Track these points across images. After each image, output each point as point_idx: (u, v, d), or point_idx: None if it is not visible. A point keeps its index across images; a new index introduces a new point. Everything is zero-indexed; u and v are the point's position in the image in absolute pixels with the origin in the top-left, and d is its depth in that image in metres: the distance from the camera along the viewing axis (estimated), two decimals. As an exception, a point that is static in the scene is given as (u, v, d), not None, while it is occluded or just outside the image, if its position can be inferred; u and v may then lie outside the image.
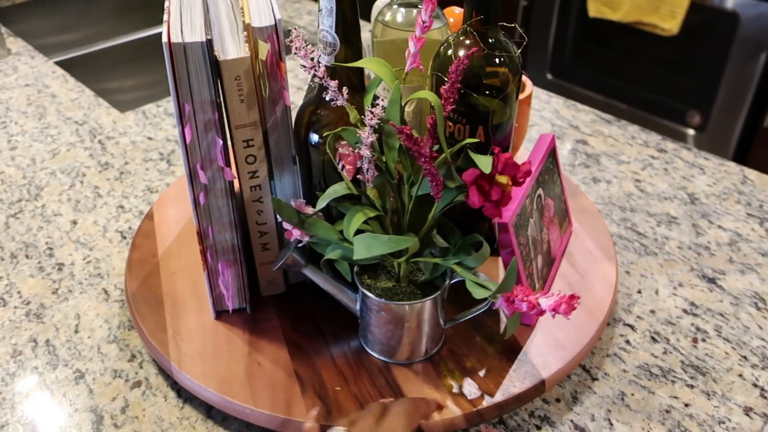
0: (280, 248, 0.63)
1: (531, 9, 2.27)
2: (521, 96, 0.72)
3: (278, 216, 0.56)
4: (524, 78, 0.74)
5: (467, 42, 0.59)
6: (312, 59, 0.50)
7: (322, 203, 0.54)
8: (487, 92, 0.59)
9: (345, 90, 0.51)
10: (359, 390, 0.57)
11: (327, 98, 0.51)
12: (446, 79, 0.59)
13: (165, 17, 0.53)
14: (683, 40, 1.92)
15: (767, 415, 0.58)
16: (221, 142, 0.54)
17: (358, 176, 0.53)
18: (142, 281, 0.68)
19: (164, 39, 0.50)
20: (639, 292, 0.71)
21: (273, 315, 0.64)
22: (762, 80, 1.81)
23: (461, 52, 0.59)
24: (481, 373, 0.58)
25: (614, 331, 0.66)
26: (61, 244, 0.78)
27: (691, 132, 2.02)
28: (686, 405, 0.59)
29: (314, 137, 0.57)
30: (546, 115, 1.03)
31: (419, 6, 0.66)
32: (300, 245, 0.57)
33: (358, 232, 0.53)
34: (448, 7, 0.74)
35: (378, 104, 0.50)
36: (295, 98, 1.05)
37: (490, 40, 0.59)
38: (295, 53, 0.50)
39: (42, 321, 0.68)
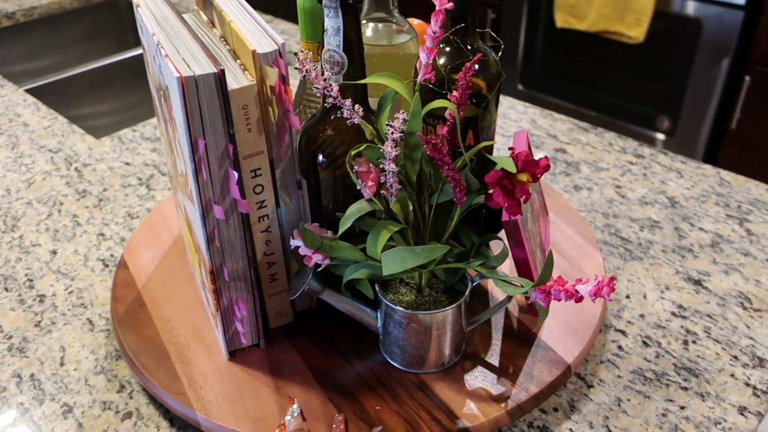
0: (288, 278, 0.62)
1: (499, 21, 2.30)
2: None
3: (295, 242, 0.55)
4: None
5: (448, 50, 0.61)
6: (325, 80, 0.50)
7: (346, 224, 0.53)
8: (471, 98, 0.61)
9: (359, 108, 0.51)
10: (399, 406, 0.57)
11: (338, 117, 0.52)
12: (431, 87, 0.61)
13: (163, 52, 0.52)
14: (649, 47, 1.97)
15: (761, 414, 0.59)
16: (236, 174, 0.52)
17: (380, 191, 0.53)
18: (137, 334, 0.64)
19: (174, 74, 0.48)
20: (627, 297, 0.71)
21: (288, 345, 0.63)
22: (727, 83, 1.86)
23: (443, 61, 0.60)
24: (510, 369, 0.60)
25: (606, 337, 0.66)
26: (42, 275, 0.76)
27: (661, 136, 2.06)
28: (682, 408, 0.59)
29: (322, 158, 0.56)
30: (524, 125, 1.04)
31: (390, 20, 0.66)
32: (318, 270, 0.57)
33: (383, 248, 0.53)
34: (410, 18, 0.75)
35: (398, 117, 0.50)
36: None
37: (469, 47, 0.60)
38: (305, 76, 0.49)
39: (25, 355, 0.66)
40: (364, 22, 0.67)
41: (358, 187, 0.53)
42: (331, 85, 0.50)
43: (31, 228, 0.84)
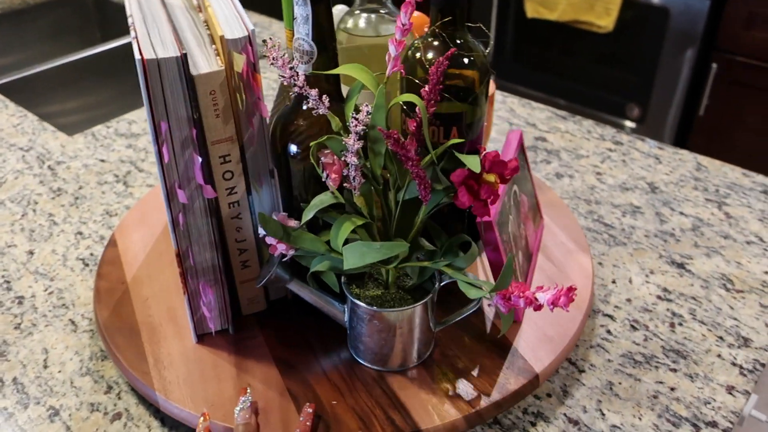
0: (261, 265, 0.62)
1: (470, 11, 2.30)
2: None
3: (263, 231, 0.54)
4: None
5: (435, 44, 0.59)
6: (291, 68, 0.49)
7: (308, 215, 0.53)
8: (459, 93, 0.59)
9: (326, 98, 0.50)
10: (356, 402, 0.56)
11: (306, 108, 0.50)
12: (417, 82, 0.60)
13: (132, 33, 0.51)
14: (618, 37, 1.99)
15: (749, 392, 0.60)
16: (200, 159, 0.52)
17: (344, 185, 0.52)
18: (113, 311, 0.65)
19: (137, 56, 0.48)
20: (613, 282, 0.72)
21: (257, 333, 0.63)
22: (694, 71, 1.89)
23: (430, 55, 0.59)
24: (475, 373, 0.58)
25: (595, 322, 0.67)
26: (19, 276, 0.74)
27: (631, 124, 2.09)
28: (672, 389, 0.60)
29: (293, 148, 0.56)
30: (503, 115, 1.04)
31: (381, 11, 0.66)
32: (284, 260, 0.56)
33: (346, 241, 0.52)
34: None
35: (362, 110, 0.49)
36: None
37: (458, 41, 0.59)
38: (272, 64, 0.49)
39: (6, 359, 0.64)
40: (357, 12, 0.66)
41: (324, 179, 0.53)
42: (297, 74, 0.50)
43: (5, 228, 0.81)
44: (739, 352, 0.64)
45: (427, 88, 0.51)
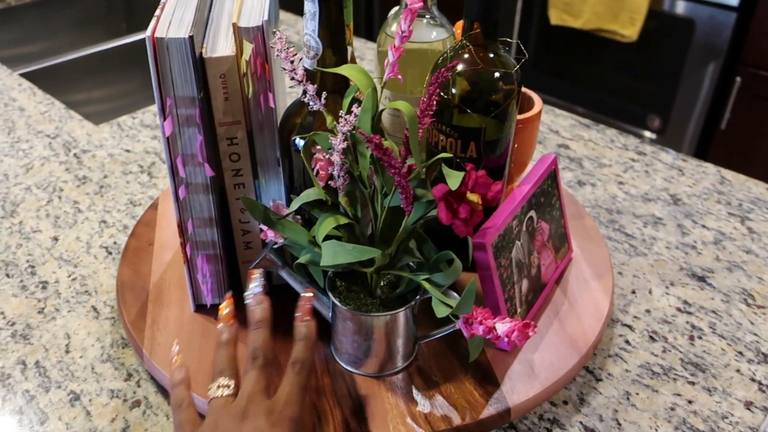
0: (264, 248, 0.62)
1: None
2: (529, 113, 0.71)
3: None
4: (533, 95, 0.74)
5: (465, 56, 0.59)
6: (292, 62, 0.50)
7: (294, 205, 0.54)
8: (485, 108, 0.59)
9: (324, 95, 0.51)
10: (318, 398, 0.56)
11: (304, 101, 0.51)
12: (442, 94, 0.59)
13: (157, 12, 0.53)
14: (642, 47, 1.98)
15: (767, 409, 0.60)
16: (201, 137, 0.54)
17: (330, 182, 0.53)
18: (134, 269, 0.70)
19: (148, 33, 0.50)
20: (633, 292, 0.72)
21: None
22: (717, 84, 1.88)
23: (460, 66, 0.59)
24: (446, 393, 0.57)
25: (613, 331, 0.67)
26: (43, 262, 0.75)
27: (651, 135, 2.08)
28: (689, 402, 0.60)
29: (297, 141, 0.57)
30: (526, 121, 1.04)
31: (425, 16, 0.66)
32: (276, 246, 0.57)
33: (330, 238, 0.52)
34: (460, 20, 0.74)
35: (353, 111, 0.49)
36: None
37: (489, 55, 0.59)
38: (278, 55, 0.50)
39: (29, 342, 0.65)
40: (401, 17, 0.66)
41: (312, 174, 0.53)
42: (295, 68, 0.50)
43: (30, 214, 0.83)
44: (758, 367, 0.63)
45: (424, 98, 0.50)
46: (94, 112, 1.46)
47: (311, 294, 0.53)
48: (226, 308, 0.52)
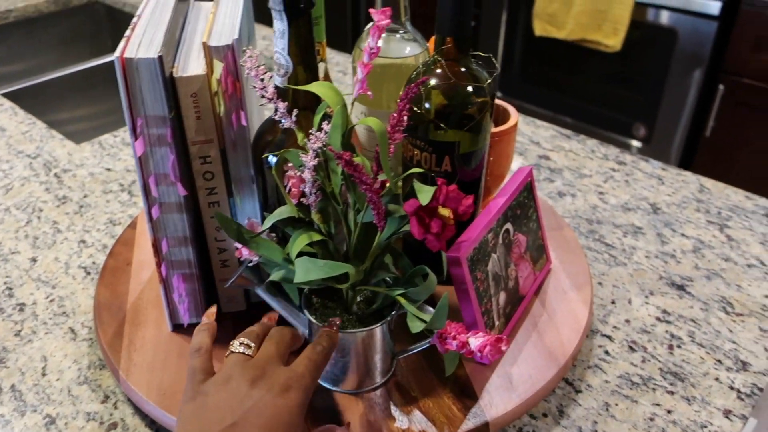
0: (240, 266, 0.62)
1: (478, 29, 2.32)
2: (505, 126, 0.71)
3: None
4: (509, 107, 0.74)
5: (438, 71, 0.59)
6: (263, 80, 0.50)
7: (268, 223, 0.54)
8: (458, 122, 0.59)
9: (295, 112, 0.51)
10: None
11: (275, 118, 0.51)
12: (416, 109, 0.60)
13: (127, 33, 0.54)
14: (626, 56, 1.99)
15: (746, 417, 0.60)
16: (173, 156, 0.54)
17: (303, 200, 0.53)
18: (111, 289, 0.69)
19: (117, 54, 0.50)
20: (613, 302, 0.72)
21: (229, 331, 0.62)
22: (701, 92, 1.89)
23: (432, 81, 0.59)
24: (426, 409, 0.57)
25: (593, 342, 0.67)
26: (21, 284, 0.74)
27: (637, 144, 2.09)
28: (669, 411, 0.60)
29: (270, 158, 0.57)
30: (507, 133, 1.05)
31: (399, 32, 0.66)
32: (251, 264, 0.57)
33: (304, 255, 0.52)
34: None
35: (323, 128, 0.50)
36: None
37: (462, 69, 0.59)
38: (248, 74, 0.50)
39: (5, 365, 0.64)
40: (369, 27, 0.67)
41: (285, 191, 0.53)
42: (265, 86, 0.50)
43: (9, 235, 0.82)
44: (737, 375, 0.63)
45: (394, 114, 0.50)
46: (77, 130, 1.45)
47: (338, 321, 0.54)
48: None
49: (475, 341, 0.47)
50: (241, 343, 0.49)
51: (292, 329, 0.53)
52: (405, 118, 0.50)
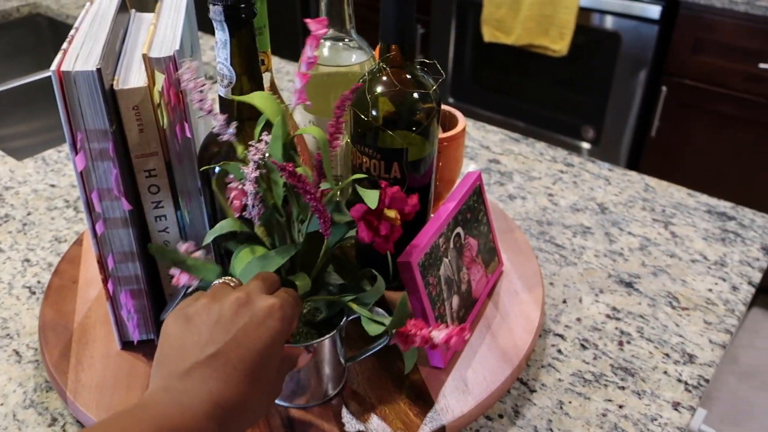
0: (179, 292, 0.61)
1: (428, 36, 2.34)
2: (453, 131, 0.72)
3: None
4: (456, 113, 0.75)
5: (383, 78, 0.59)
6: (201, 92, 0.49)
7: (208, 238, 0.53)
8: (405, 128, 0.59)
9: (234, 124, 0.50)
10: (253, 429, 0.55)
11: (215, 131, 0.51)
12: (363, 117, 0.60)
13: (64, 46, 0.52)
14: (572, 60, 2.04)
15: (694, 408, 0.61)
16: (116, 170, 0.53)
17: (245, 213, 0.52)
18: (57, 309, 0.67)
19: (53, 67, 0.49)
20: (564, 302, 0.73)
21: None
22: (645, 93, 1.95)
23: (378, 88, 0.59)
24: (383, 416, 0.57)
25: (546, 341, 0.68)
26: (-38, 306, 0.72)
27: (586, 146, 2.13)
28: (620, 406, 0.61)
29: (218, 170, 0.56)
30: (457, 138, 1.06)
31: (345, 40, 0.66)
32: (189, 290, 0.55)
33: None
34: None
35: (262, 139, 0.49)
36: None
37: (407, 76, 0.60)
38: (185, 86, 0.49)
39: (-54, 392, 0.62)
40: (320, 41, 0.66)
41: (226, 205, 0.52)
42: (203, 98, 0.50)
43: (-52, 256, 0.79)
44: (684, 368, 0.65)
45: (332, 121, 0.50)
46: (19, 147, 1.41)
47: None
48: None
49: (439, 334, 0.48)
50: (224, 282, 0.48)
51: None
52: (342, 124, 0.50)
